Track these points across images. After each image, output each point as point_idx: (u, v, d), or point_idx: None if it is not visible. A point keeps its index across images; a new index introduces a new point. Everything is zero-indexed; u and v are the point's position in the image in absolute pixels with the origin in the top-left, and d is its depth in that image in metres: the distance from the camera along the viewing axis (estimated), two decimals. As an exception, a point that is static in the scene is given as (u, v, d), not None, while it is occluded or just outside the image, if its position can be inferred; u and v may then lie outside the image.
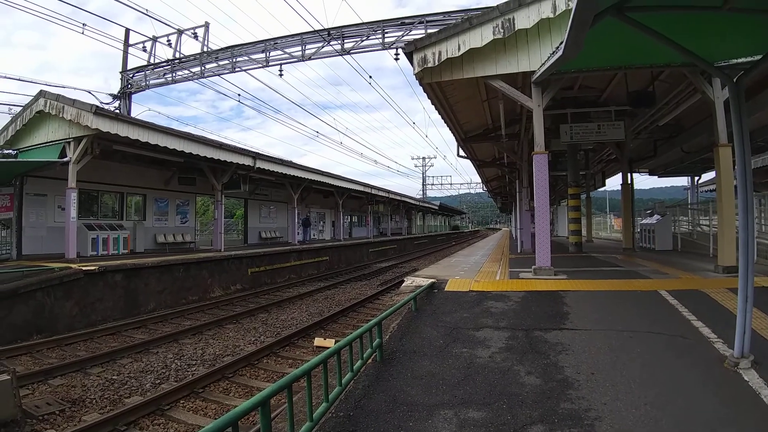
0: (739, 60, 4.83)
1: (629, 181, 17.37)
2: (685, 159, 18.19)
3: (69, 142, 14.22)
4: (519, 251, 17.58)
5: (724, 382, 4.09)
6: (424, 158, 77.25)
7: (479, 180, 47.53)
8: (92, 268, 11.89)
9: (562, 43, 5.40)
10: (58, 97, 14.30)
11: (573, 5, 3.86)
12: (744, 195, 4.37)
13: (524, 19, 9.34)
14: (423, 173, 77.23)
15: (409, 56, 9.95)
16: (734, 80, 4.50)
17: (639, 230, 19.27)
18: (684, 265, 11.19)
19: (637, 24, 3.95)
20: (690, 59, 4.59)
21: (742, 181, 4.39)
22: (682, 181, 28.69)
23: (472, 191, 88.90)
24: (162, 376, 7.70)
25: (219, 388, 7.29)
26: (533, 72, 9.39)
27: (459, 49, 9.59)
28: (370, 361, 4.83)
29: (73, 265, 12.16)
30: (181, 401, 6.69)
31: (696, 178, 25.28)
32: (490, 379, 4.39)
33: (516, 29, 9.40)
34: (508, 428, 3.42)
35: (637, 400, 3.80)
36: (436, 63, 9.75)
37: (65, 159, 14.17)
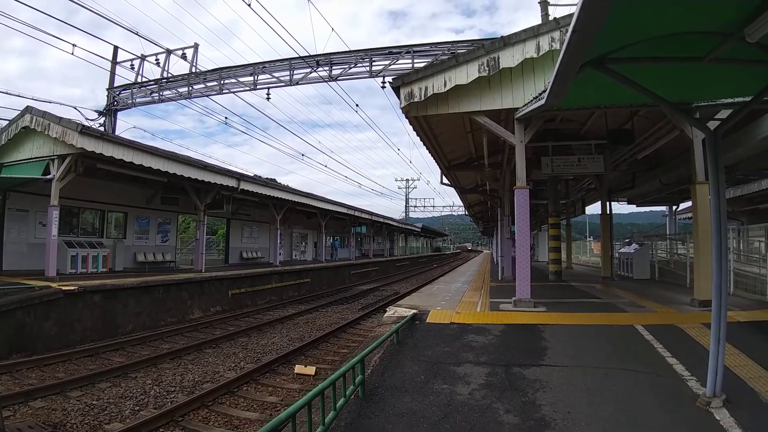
0: (718, 102, 5.07)
1: (608, 212, 17.76)
2: (663, 190, 18.54)
3: (53, 160, 14.13)
4: (500, 278, 17.76)
5: (696, 422, 4.21)
6: (407, 180, 77.91)
7: (461, 203, 47.96)
8: (72, 288, 11.74)
9: (544, 91, 5.61)
10: (44, 114, 14.20)
11: (556, 64, 4.02)
12: (718, 239, 4.53)
13: (509, 59, 9.60)
14: (406, 195, 77.79)
15: (396, 90, 10.10)
16: (712, 130, 4.65)
17: (618, 258, 19.62)
18: (661, 297, 11.45)
19: (618, 76, 4.08)
20: (670, 110, 4.81)
21: (716, 227, 4.55)
22: (661, 207, 29.28)
23: (455, 213, 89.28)
24: (141, 403, 7.62)
25: (199, 416, 7.23)
26: (516, 108, 9.63)
27: (445, 85, 9.79)
28: (352, 397, 4.89)
29: (53, 284, 11.98)
30: (161, 430, 6.65)
31: (674, 207, 25.86)
32: (469, 417, 4.48)
33: (501, 68, 9.64)
34: (486, 470, 3.52)
35: (610, 441, 3.91)
36: (423, 98, 9.91)
37: (49, 176, 14.07)
